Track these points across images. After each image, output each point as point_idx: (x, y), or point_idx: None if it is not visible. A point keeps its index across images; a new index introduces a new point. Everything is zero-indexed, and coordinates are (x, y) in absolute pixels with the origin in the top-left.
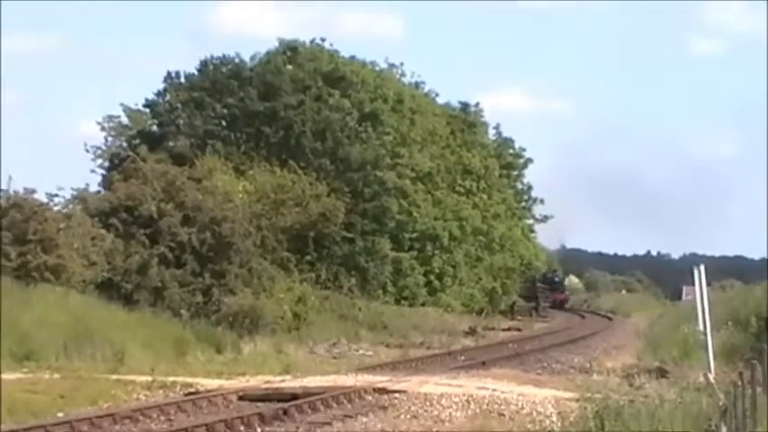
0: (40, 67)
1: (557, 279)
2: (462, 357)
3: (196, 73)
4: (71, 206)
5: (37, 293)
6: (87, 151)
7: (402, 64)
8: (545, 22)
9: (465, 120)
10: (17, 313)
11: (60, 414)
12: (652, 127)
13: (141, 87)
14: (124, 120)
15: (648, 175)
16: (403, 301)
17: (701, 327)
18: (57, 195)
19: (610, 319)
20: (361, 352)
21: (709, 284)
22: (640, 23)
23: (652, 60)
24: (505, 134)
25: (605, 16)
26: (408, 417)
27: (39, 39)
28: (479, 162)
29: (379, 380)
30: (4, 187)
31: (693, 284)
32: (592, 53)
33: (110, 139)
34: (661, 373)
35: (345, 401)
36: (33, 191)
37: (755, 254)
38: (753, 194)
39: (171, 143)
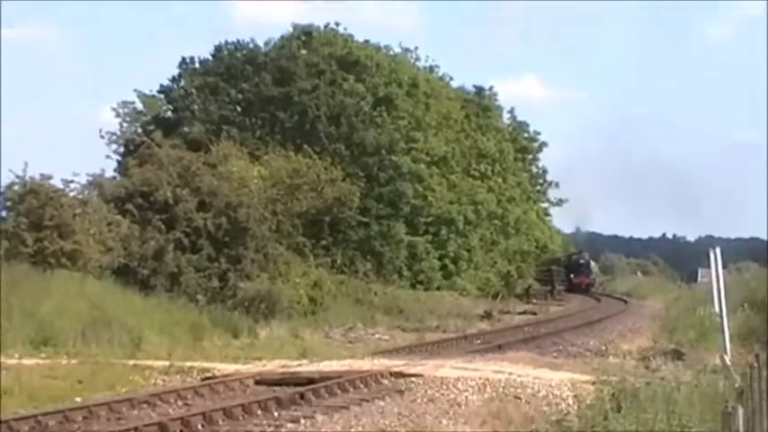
0: (55, 54)
1: (582, 261)
2: (478, 341)
3: (211, 58)
4: (87, 192)
5: (54, 279)
6: (102, 137)
7: (416, 48)
8: (557, 9)
9: (479, 104)
10: (35, 299)
11: (78, 399)
12: (667, 112)
13: (156, 73)
14: (139, 106)
15: (664, 158)
16: (418, 286)
17: (717, 309)
18: (72, 181)
19: (625, 302)
20: (377, 336)
21: (725, 267)
22: (654, 12)
23: (667, 46)
24: (520, 118)
25: (619, 6)
26: (425, 400)
27: (55, 26)
28: (494, 146)
29: (396, 364)
30: (20, 173)
31: (709, 267)
32: (606, 41)
33: (125, 125)
34: (677, 355)
35: (362, 385)
36: (49, 177)
37: None
38: None
39: (186, 129)
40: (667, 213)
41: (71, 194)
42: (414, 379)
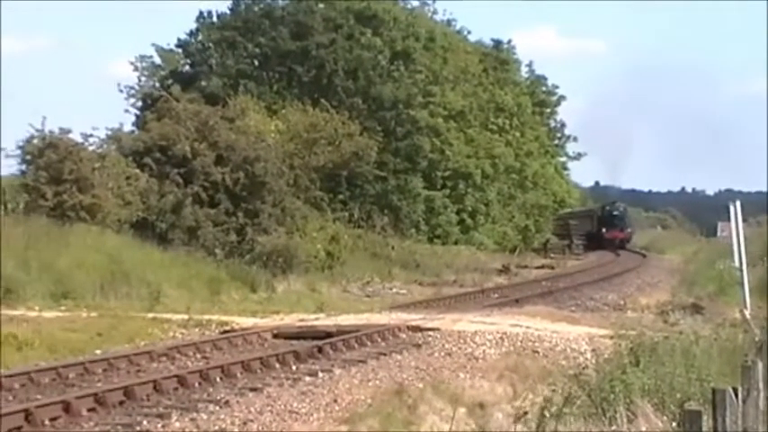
0: (73, 9)
1: (615, 213)
2: (495, 295)
3: (228, 12)
4: (105, 146)
5: (73, 233)
6: (121, 91)
7: (434, 1)
8: None
9: (497, 57)
10: (54, 253)
11: (98, 352)
12: (686, 64)
13: (173, 27)
14: (157, 60)
15: (683, 111)
16: (436, 240)
17: (737, 263)
18: (91, 135)
19: (644, 256)
20: (394, 290)
21: (744, 220)
22: None
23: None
24: (538, 72)
25: None
26: (442, 354)
27: None
28: (512, 100)
29: (413, 318)
30: (39, 127)
31: (729, 221)
32: None
33: (143, 79)
34: (696, 309)
35: (379, 339)
36: (68, 131)
37: None
38: None
39: (203, 83)
40: (686, 167)
41: (90, 148)
42: (431, 333)
